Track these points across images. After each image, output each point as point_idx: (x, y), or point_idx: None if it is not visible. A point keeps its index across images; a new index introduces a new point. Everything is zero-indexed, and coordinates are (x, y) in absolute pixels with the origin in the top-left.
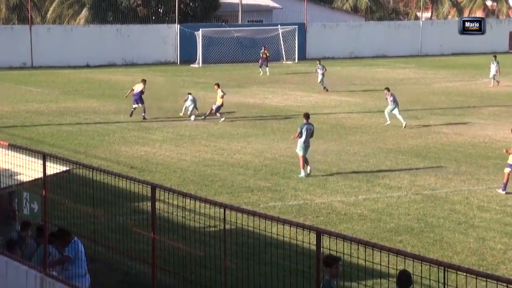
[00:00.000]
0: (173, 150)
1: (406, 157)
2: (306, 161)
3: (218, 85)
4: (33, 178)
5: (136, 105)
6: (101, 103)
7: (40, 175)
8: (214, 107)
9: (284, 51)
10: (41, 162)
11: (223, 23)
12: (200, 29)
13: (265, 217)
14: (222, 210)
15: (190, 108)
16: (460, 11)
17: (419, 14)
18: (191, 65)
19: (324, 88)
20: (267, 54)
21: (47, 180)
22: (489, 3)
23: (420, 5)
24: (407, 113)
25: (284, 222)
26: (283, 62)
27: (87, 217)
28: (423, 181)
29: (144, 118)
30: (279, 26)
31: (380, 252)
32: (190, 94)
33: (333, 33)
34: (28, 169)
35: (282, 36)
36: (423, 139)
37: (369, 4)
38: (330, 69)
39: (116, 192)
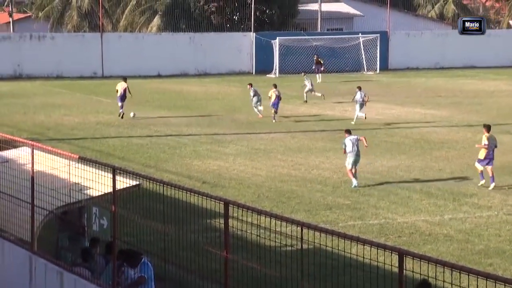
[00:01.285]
0: (248, 164)
1: (497, 174)
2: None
3: (275, 86)
4: (103, 193)
5: (121, 104)
6: (173, 114)
7: (110, 189)
8: (273, 107)
9: (365, 61)
10: (111, 176)
11: (302, 31)
12: (277, 38)
13: (344, 236)
14: (299, 228)
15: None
16: None
17: (511, 22)
18: (267, 75)
19: (305, 101)
20: (322, 62)
21: (116, 195)
22: None
23: None
24: (499, 127)
25: (365, 242)
26: (364, 72)
27: (157, 234)
28: None
29: (121, 116)
30: (360, 34)
31: (468, 276)
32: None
33: (417, 42)
34: (98, 183)
35: (363, 45)
36: None
37: (456, 11)
38: (414, 80)
39: (188, 208)
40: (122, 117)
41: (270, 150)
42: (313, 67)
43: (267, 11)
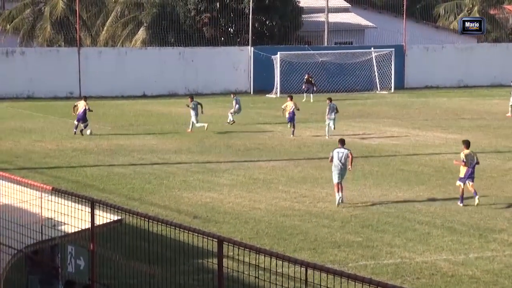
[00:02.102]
0: (245, 196)
1: None
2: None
3: (291, 98)
4: (80, 229)
5: (77, 123)
6: (160, 140)
7: (88, 225)
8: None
9: (378, 78)
10: (89, 210)
11: (306, 46)
12: (278, 53)
13: (355, 278)
14: (303, 269)
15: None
16: None
17: None
18: (267, 95)
19: (230, 122)
20: (313, 82)
21: (95, 232)
22: None
23: None
24: None
25: (378, 285)
26: (377, 91)
27: (142, 276)
28: None
29: (90, 133)
30: (372, 49)
31: None
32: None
33: (437, 57)
34: (74, 218)
35: (376, 61)
36: None
37: None
38: (434, 100)
39: (177, 246)
40: (81, 133)
41: (271, 180)
42: (303, 86)
43: (267, 22)
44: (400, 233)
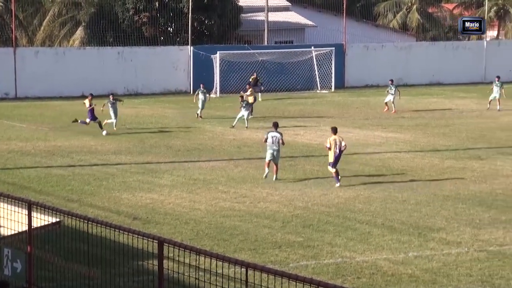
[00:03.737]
0: (185, 197)
1: (467, 206)
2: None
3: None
4: (16, 232)
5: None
6: (99, 141)
7: (25, 228)
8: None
9: (319, 77)
10: (26, 212)
11: (246, 45)
12: (218, 52)
13: (296, 278)
14: (243, 269)
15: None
16: None
17: None
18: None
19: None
20: (260, 82)
21: (33, 234)
22: None
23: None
24: (468, 152)
25: (319, 284)
26: (317, 91)
27: (81, 279)
28: (488, 235)
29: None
30: (312, 47)
31: None
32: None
33: (377, 55)
34: (11, 220)
35: (316, 60)
36: (488, 184)
37: (421, 21)
38: (374, 99)
39: (116, 248)
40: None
41: (211, 180)
42: (247, 86)
43: (206, 22)
44: (340, 233)
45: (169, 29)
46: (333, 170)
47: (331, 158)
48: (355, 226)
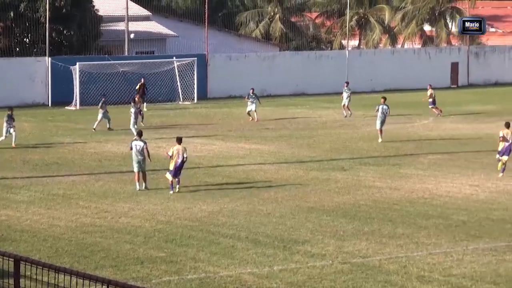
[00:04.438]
0: (43, 213)
1: (331, 217)
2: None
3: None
4: None
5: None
6: None
7: None
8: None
9: (181, 88)
10: None
11: (106, 56)
12: (77, 63)
13: None
14: (105, 287)
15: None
16: (393, 38)
17: (344, 42)
18: (67, 107)
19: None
20: (144, 87)
21: None
22: (427, 28)
23: (345, 31)
24: (332, 163)
25: None
26: (180, 102)
27: None
28: (352, 246)
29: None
30: (174, 58)
31: None
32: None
33: (240, 66)
34: None
35: (178, 71)
36: (352, 195)
37: (284, 30)
38: (238, 111)
39: None
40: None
41: (71, 195)
42: (135, 95)
43: (65, 32)
44: (204, 247)
45: (25, 39)
46: (170, 179)
47: (171, 167)
48: (219, 240)
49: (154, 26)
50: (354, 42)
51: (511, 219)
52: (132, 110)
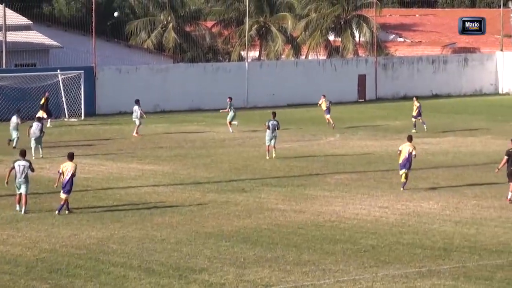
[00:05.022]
0: None
1: (231, 243)
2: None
3: None
4: None
5: None
6: None
7: None
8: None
9: (66, 104)
10: None
11: None
12: None
13: None
14: None
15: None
16: (296, 49)
17: (244, 53)
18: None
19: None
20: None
21: None
22: (332, 37)
23: (244, 41)
24: (232, 184)
25: None
26: (65, 119)
27: None
28: (254, 274)
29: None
30: (58, 71)
31: None
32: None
33: (131, 79)
34: None
35: (63, 85)
36: (253, 219)
37: (178, 40)
38: (129, 128)
39: None
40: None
41: None
42: (42, 113)
43: None
44: (93, 278)
45: None
46: (64, 197)
47: (62, 184)
48: (109, 269)
49: (35, 36)
50: (254, 53)
51: (421, 243)
52: (34, 126)
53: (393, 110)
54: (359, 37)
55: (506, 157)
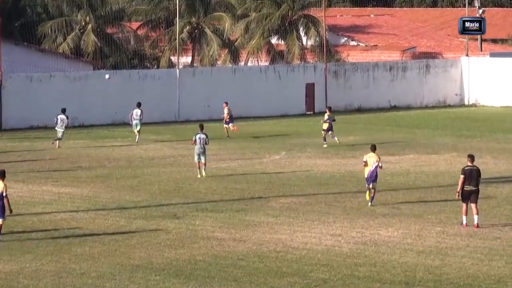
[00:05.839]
0: None
1: (162, 277)
2: None
3: None
4: None
5: None
6: None
7: None
8: None
9: None
10: None
11: None
12: None
13: None
14: None
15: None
16: (234, 54)
17: (174, 58)
18: None
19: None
20: None
21: None
22: (274, 41)
23: (175, 45)
24: (162, 209)
25: None
26: None
27: None
28: None
29: None
30: None
31: None
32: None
33: (45, 88)
34: None
35: None
36: (187, 250)
37: (98, 44)
38: (42, 145)
39: None
40: None
41: None
42: None
43: None
44: None
45: None
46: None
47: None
48: None
49: None
50: (186, 59)
51: (380, 276)
52: None
53: (346, 124)
54: (306, 41)
55: (462, 176)
